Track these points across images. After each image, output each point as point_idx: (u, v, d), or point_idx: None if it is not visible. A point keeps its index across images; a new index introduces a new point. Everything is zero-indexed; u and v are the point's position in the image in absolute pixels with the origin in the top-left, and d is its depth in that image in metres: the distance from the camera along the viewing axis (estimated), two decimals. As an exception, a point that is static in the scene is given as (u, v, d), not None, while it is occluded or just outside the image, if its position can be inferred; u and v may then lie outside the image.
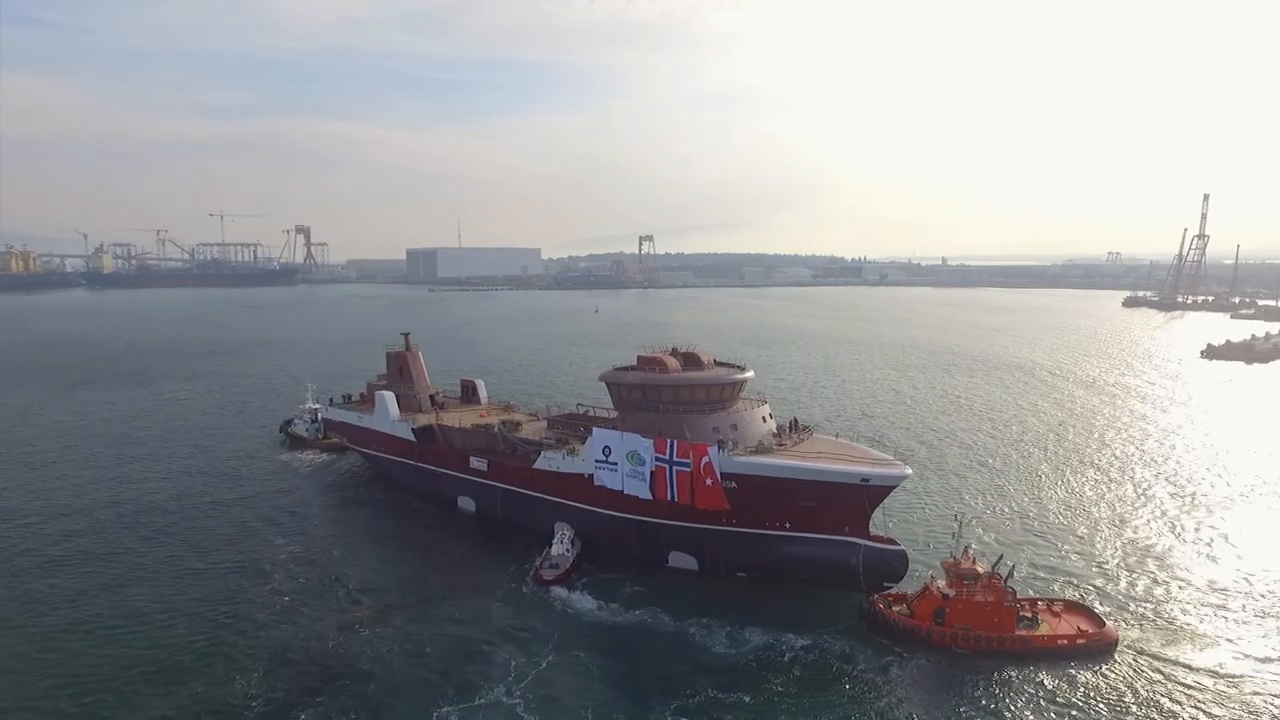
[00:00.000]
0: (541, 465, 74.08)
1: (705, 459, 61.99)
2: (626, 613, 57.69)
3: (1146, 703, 46.24)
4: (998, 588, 53.92)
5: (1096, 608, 57.22)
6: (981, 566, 55.11)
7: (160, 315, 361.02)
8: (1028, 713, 45.45)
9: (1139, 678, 48.95)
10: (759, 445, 64.37)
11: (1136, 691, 47.41)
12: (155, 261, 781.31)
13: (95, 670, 49.26)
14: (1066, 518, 78.52)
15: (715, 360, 72.51)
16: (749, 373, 70.59)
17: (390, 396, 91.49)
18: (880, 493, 61.17)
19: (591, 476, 69.43)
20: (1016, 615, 54.11)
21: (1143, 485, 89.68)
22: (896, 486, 62.14)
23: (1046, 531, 74.70)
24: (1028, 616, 54.85)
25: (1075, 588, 62.26)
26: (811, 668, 50.19)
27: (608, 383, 70.89)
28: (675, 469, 63.92)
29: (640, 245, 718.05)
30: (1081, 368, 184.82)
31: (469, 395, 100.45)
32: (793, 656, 51.06)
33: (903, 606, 56.70)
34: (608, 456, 68.31)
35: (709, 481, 62.29)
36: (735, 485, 61.95)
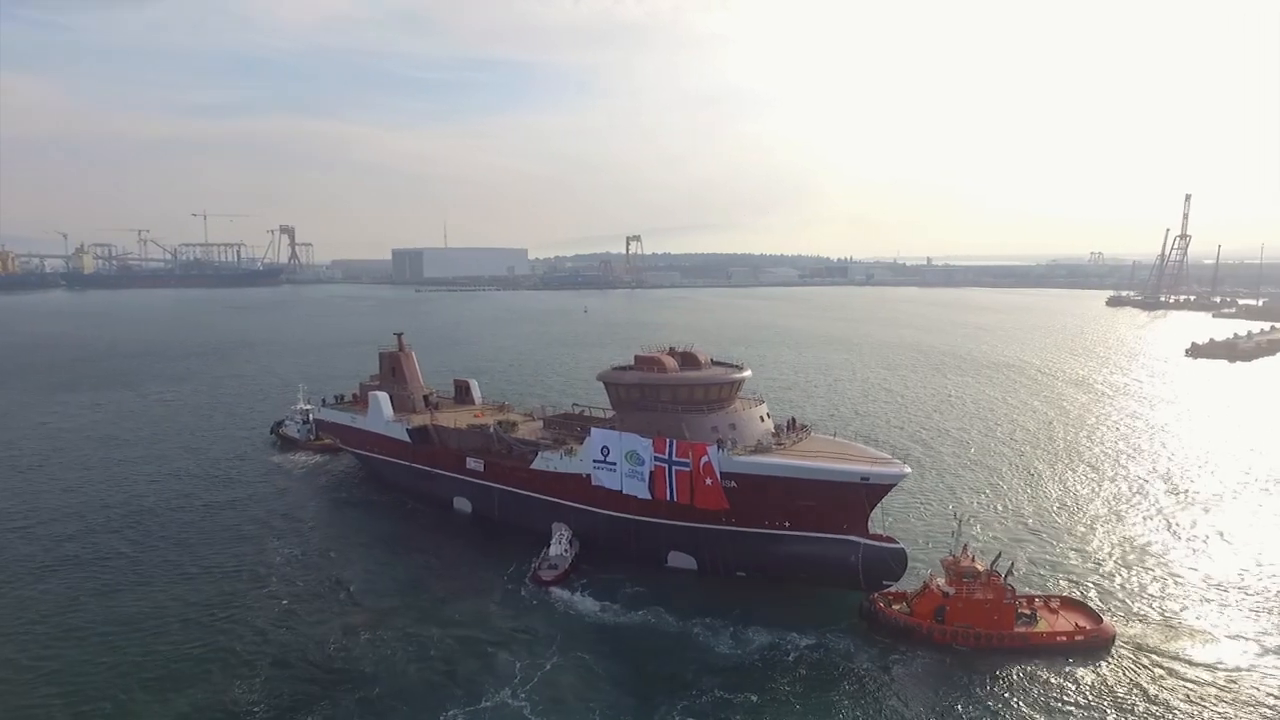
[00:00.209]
0: (539, 465, 73.79)
1: (705, 458, 61.94)
2: (628, 613, 57.51)
3: (1146, 698, 46.61)
4: (997, 585, 54.23)
5: (1093, 604, 57.71)
6: (980, 564, 55.45)
7: (142, 316, 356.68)
8: (1030, 709, 45.70)
9: (1137, 673, 49.34)
10: (758, 445, 64.39)
11: (1135, 687, 47.78)
12: (137, 262, 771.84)
13: (91, 678, 48.33)
14: (1061, 515, 79.17)
15: (712, 360, 72.54)
16: (746, 372, 70.75)
17: (384, 397, 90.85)
18: (880, 491, 61.33)
19: (589, 477, 69.24)
20: (1015, 612, 54.50)
21: (1135, 482, 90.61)
22: (896, 485, 62.37)
23: (1041, 528, 75.27)
24: (1026, 613, 55.20)
25: (1071, 584, 62.73)
26: (816, 667, 50.20)
27: (606, 382, 70.69)
28: (674, 469, 63.84)
29: (628, 245, 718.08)
30: (1070, 366, 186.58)
31: (463, 395, 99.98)
32: (797, 656, 51.06)
33: (903, 605, 56.92)
34: (606, 456, 68.11)
35: (708, 481, 62.25)
36: (735, 485, 61.96)
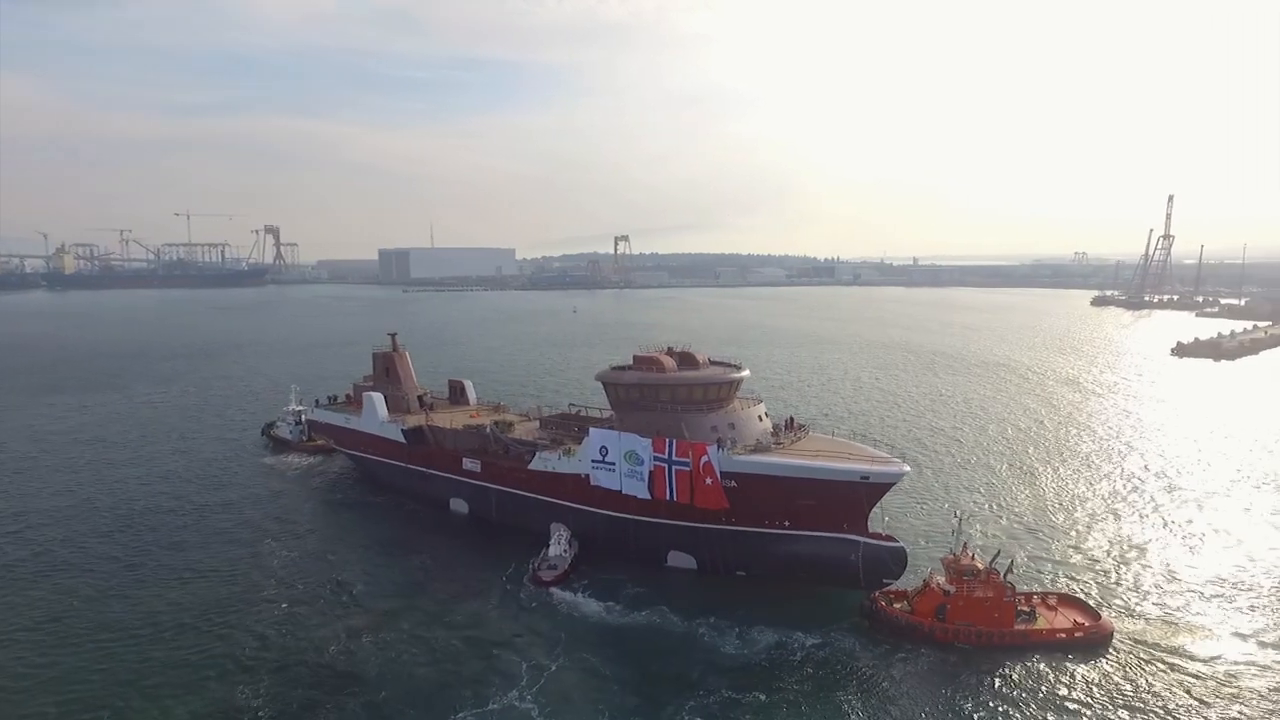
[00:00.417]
0: (537, 466, 73.49)
1: (705, 458, 61.87)
2: (631, 613, 57.37)
3: (1146, 693, 47.02)
4: (997, 583, 54.49)
5: (1090, 600, 58.12)
6: (980, 562, 55.71)
7: (125, 317, 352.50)
8: (1034, 706, 45.98)
9: (1137, 669, 49.78)
10: (757, 444, 64.40)
11: (1135, 682, 48.20)
12: (119, 262, 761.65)
13: (88, 686, 47.47)
14: (1056, 512, 79.74)
15: (710, 360, 72.53)
16: (745, 372, 70.78)
17: (378, 397, 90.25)
18: (879, 490, 61.54)
19: (588, 477, 69.01)
20: (1015, 610, 54.78)
21: (1128, 479, 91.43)
22: (895, 484, 62.58)
23: (1036, 526, 75.80)
24: (1025, 611, 55.51)
25: (1068, 581, 63.21)
26: (823, 666, 50.28)
27: (605, 382, 70.45)
28: (674, 468, 63.74)
29: (616, 245, 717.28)
30: (1060, 365, 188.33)
31: (457, 396, 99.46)
32: (804, 655, 51.12)
33: (904, 604, 57.08)
34: (604, 456, 67.90)
35: (709, 480, 62.18)
36: (735, 484, 61.94)
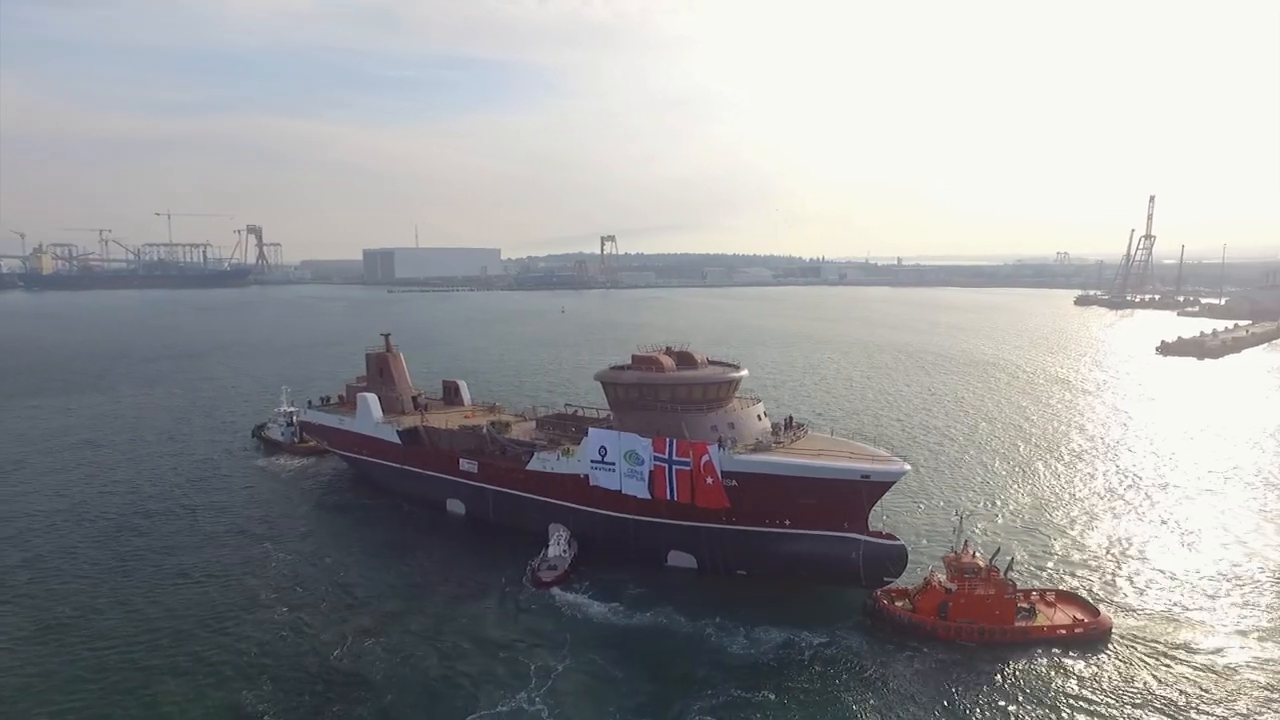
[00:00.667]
0: (535, 466, 73.09)
1: (705, 457, 61.75)
2: (635, 614, 57.10)
3: (1147, 687, 47.44)
4: (997, 580, 54.78)
5: (1087, 596, 58.54)
6: (981, 560, 55.97)
7: (106, 318, 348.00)
8: (1039, 702, 46.25)
9: (1136, 663, 50.18)
10: (758, 443, 64.34)
11: (1136, 677, 48.60)
12: (98, 262, 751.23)
13: (85, 698, 46.20)
14: (1051, 509, 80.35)
15: (709, 359, 72.46)
16: (744, 371, 70.76)
17: (373, 398, 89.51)
18: (880, 489, 61.71)
19: (588, 477, 68.70)
20: (1016, 607, 55.07)
21: (1122, 476, 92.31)
22: (896, 482, 62.75)
23: (1033, 523, 76.31)
24: (1025, 608, 55.82)
25: (1065, 577, 63.65)
26: (831, 665, 50.27)
27: (604, 382, 70.17)
28: (675, 468, 63.58)
29: (602, 245, 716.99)
30: (1049, 364, 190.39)
31: (451, 396, 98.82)
32: (812, 654, 51.08)
33: (905, 602, 57.20)
34: (604, 457, 67.64)
35: (709, 480, 62.07)
36: (735, 483, 61.86)
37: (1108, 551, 69.21)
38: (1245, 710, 45.18)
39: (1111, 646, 52.37)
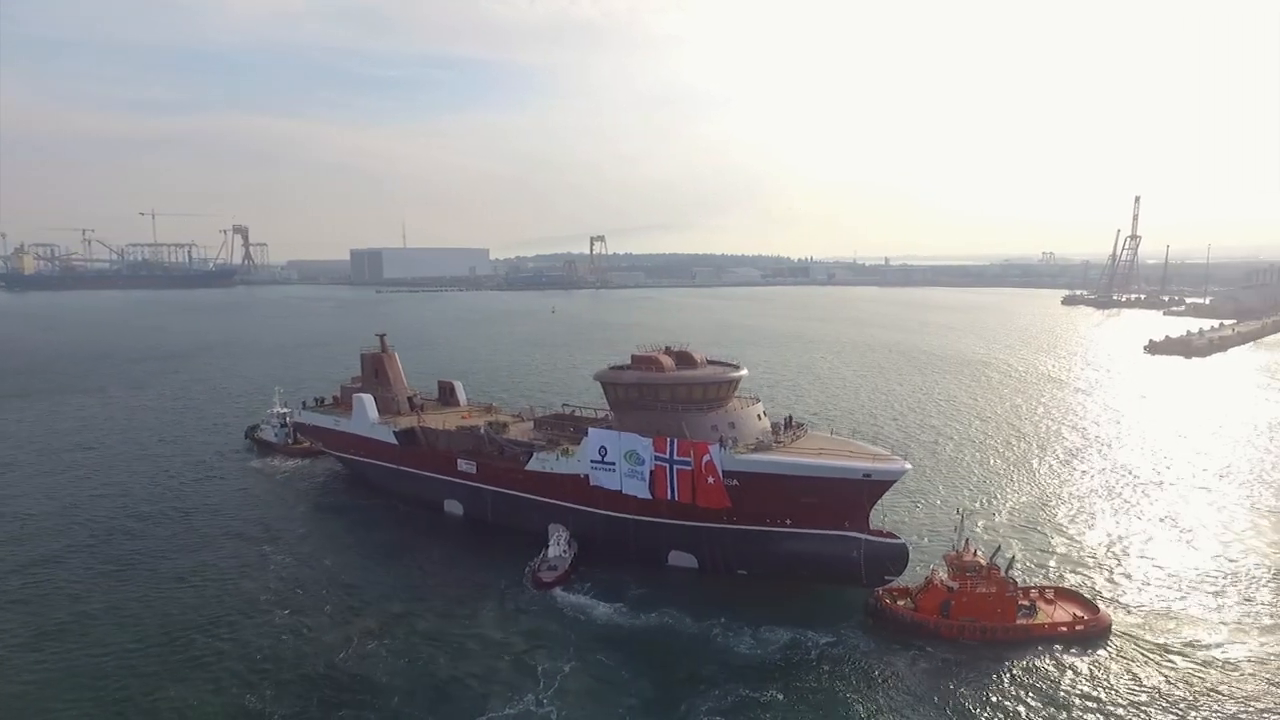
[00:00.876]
0: (534, 467, 72.81)
1: (707, 457, 61.67)
2: (639, 614, 56.90)
3: (1148, 683, 47.79)
4: (999, 578, 55.02)
5: (1086, 593, 58.90)
6: (982, 558, 56.20)
7: (90, 319, 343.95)
8: (1041, 698, 46.52)
9: (1136, 660, 50.54)
10: (758, 443, 64.35)
11: (1136, 673, 48.95)
12: (81, 262, 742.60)
13: (82, 708, 45.33)
14: (1048, 507, 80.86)
15: (708, 359, 72.43)
16: (743, 370, 70.83)
17: (369, 399, 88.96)
18: (881, 487, 61.87)
19: (588, 477, 68.48)
20: (1017, 605, 55.33)
21: (1116, 474, 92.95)
22: (897, 481, 62.94)
23: (1030, 521, 76.77)
24: (1025, 605, 56.09)
25: (1063, 574, 64.03)
26: (838, 664, 50.31)
27: (604, 382, 70.00)
28: (676, 468, 63.46)
29: (592, 245, 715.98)
30: (1040, 363, 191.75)
31: (447, 397, 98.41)
32: (818, 654, 51.08)
33: (907, 601, 57.34)
34: (603, 457, 67.43)
35: (711, 480, 61.98)
36: (737, 483, 61.82)
37: (1105, 549, 69.68)
38: (1243, 704, 45.59)
39: (1111, 643, 52.72)
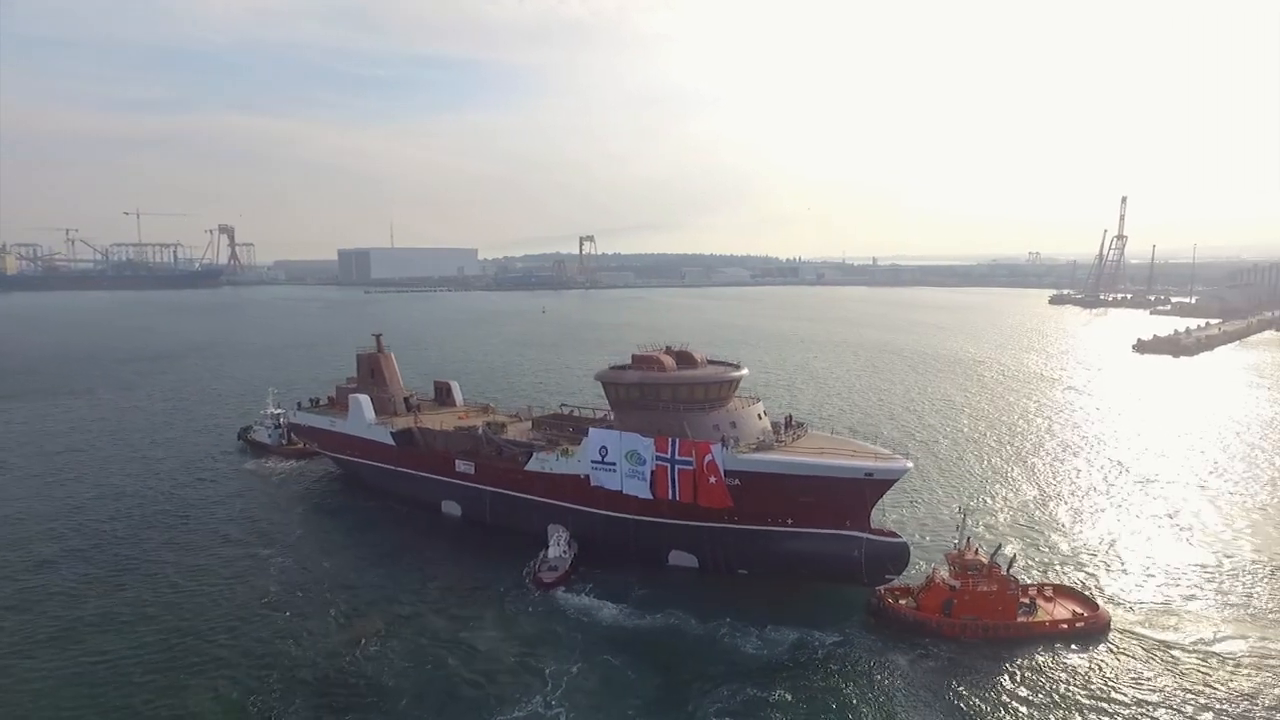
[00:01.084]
0: (534, 467, 72.54)
1: (709, 457, 61.61)
2: (643, 614, 56.77)
3: (1147, 680, 48.22)
4: (1000, 577, 55.32)
5: (1084, 591, 59.30)
6: (983, 557, 56.47)
7: (75, 320, 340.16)
8: (1045, 695, 46.83)
9: (1135, 656, 50.98)
10: (760, 442, 64.38)
11: (1136, 670, 49.38)
12: (64, 262, 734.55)
13: (84, 715, 44.82)
14: (1044, 505, 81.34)
15: (708, 359, 72.43)
16: (744, 370, 70.82)
17: (365, 399, 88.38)
18: (882, 486, 62.10)
19: (588, 478, 68.28)
20: (1018, 603, 55.63)
21: (1111, 472, 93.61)
22: (898, 480, 63.13)
23: (1027, 519, 77.23)
24: (1025, 603, 56.40)
25: (1062, 572, 64.43)
26: (844, 663, 50.38)
27: (604, 382, 69.80)
28: (677, 468, 63.36)
29: (581, 245, 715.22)
30: (1031, 362, 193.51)
31: (443, 397, 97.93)
32: (825, 653, 51.15)
33: (909, 600, 57.54)
34: (604, 457, 67.24)
35: (713, 479, 61.90)
36: (738, 483, 61.82)
37: (1101, 546, 70.16)
38: (1242, 699, 46.05)
39: (1111, 640, 53.11)
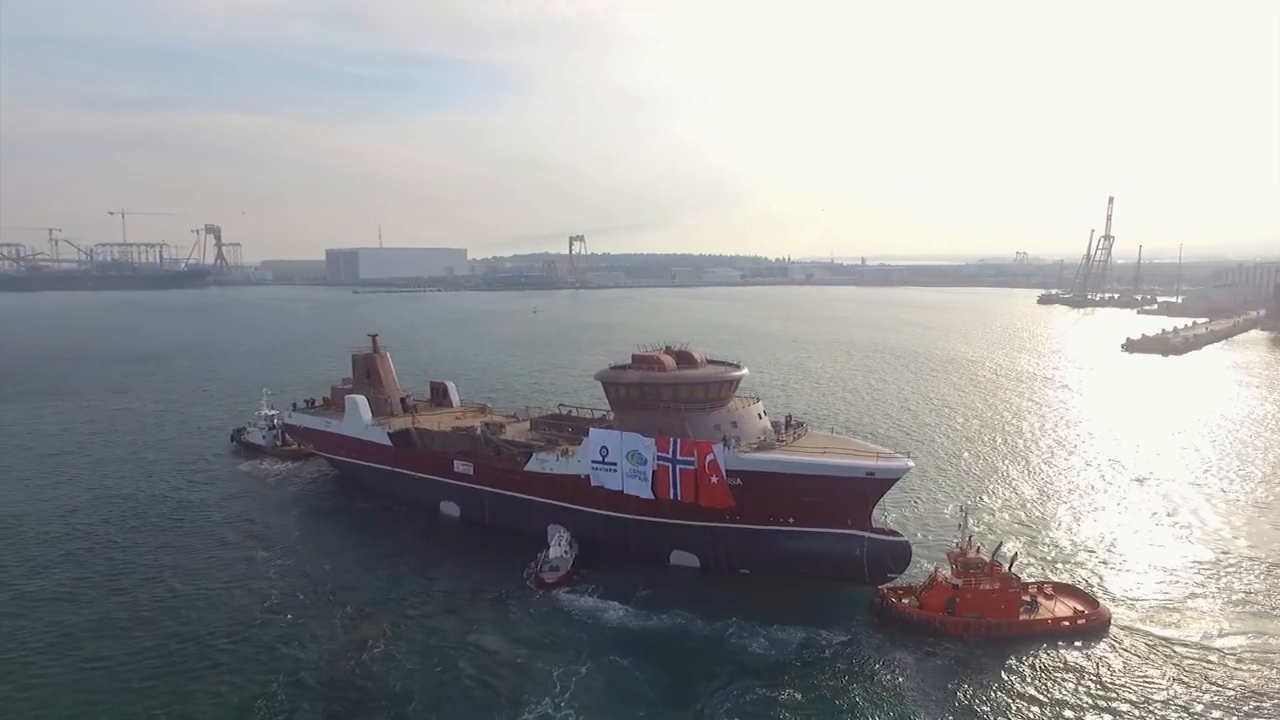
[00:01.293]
0: (533, 467, 72.27)
1: (710, 456, 61.54)
2: (647, 614, 56.58)
3: (1147, 676, 48.49)
4: (1001, 575, 55.54)
5: (1084, 588, 59.63)
6: (985, 555, 56.69)
7: (60, 321, 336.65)
8: (1048, 692, 47.00)
9: (1136, 653, 51.25)
10: (761, 442, 64.40)
11: (1136, 666, 49.63)
12: (48, 262, 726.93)
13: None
14: (1043, 503, 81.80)
15: (708, 359, 72.41)
16: (744, 370, 70.85)
17: (362, 400, 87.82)
18: (884, 485, 62.21)
19: (588, 478, 68.09)
20: (1020, 601, 55.88)
21: (1108, 470, 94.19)
22: (899, 479, 63.30)
23: (1026, 517, 77.61)
24: (1026, 601, 56.66)
25: (1061, 570, 64.73)
26: (850, 662, 50.38)
27: (604, 382, 69.60)
28: (679, 467, 63.28)
29: (571, 245, 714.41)
30: (1023, 362, 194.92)
31: (440, 398, 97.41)
32: (832, 653, 51.14)
33: (911, 599, 57.68)
34: (605, 457, 67.08)
35: (714, 479, 61.85)
36: (740, 482, 61.80)
37: (1102, 543, 70.53)
38: (1242, 693, 46.36)
39: (1112, 636, 53.41)
